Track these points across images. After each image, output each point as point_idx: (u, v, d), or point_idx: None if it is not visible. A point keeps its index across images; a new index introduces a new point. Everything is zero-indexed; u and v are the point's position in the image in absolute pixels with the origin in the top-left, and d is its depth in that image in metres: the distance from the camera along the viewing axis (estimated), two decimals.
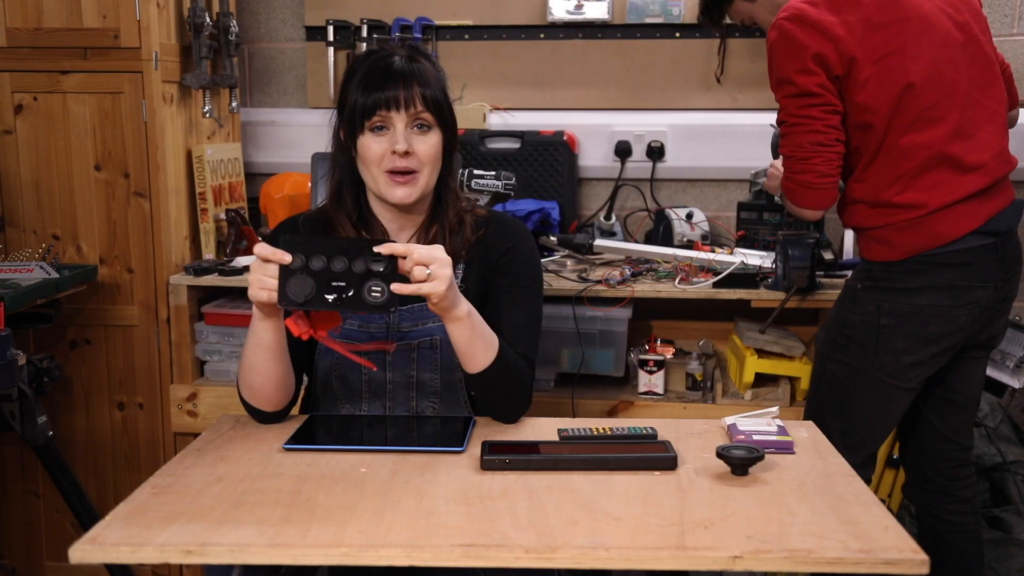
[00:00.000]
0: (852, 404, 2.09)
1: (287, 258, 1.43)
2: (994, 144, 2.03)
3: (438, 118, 1.70)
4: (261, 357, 1.58)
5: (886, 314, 2.03)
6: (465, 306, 1.55)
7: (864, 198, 2.06)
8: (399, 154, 1.66)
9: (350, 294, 1.41)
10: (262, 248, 1.46)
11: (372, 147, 1.67)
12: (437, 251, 1.47)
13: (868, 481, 2.22)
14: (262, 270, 1.46)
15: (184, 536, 1.18)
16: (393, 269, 1.42)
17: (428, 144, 1.69)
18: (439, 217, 1.77)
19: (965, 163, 1.99)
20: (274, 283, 1.44)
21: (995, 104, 2.06)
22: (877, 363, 2.05)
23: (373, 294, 1.42)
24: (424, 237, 1.77)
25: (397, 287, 1.43)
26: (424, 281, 1.45)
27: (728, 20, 2.52)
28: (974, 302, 2.02)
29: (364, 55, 1.74)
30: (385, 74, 1.67)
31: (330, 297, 1.41)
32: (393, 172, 1.68)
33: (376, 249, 1.42)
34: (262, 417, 1.65)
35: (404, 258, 1.44)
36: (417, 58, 1.71)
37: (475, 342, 1.59)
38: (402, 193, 1.69)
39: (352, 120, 1.69)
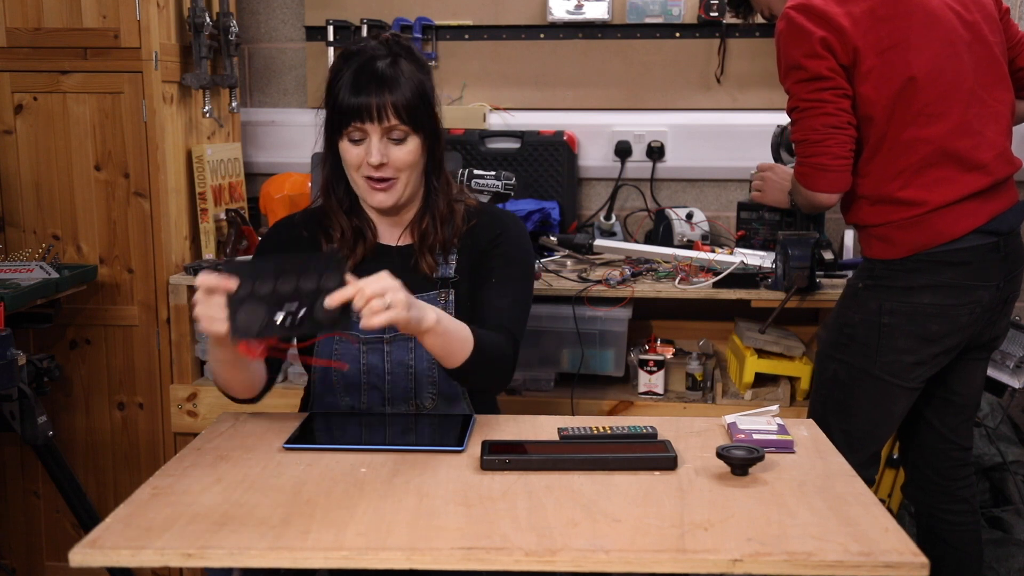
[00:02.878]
0: (854, 404, 2.09)
1: (232, 285, 1.37)
2: (998, 144, 2.03)
3: (413, 125, 1.69)
4: (227, 372, 1.63)
5: (887, 313, 2.03)
6: (431, 314, 1.50)
7: (866, 193, 2.05)
8: (372, 166, 1.68)
9: (302, 314, 1.35)
10: (205, 278, 1.39)
11: (351, 153, 1.70)
12: (384, 280, 1.41)
13: (872, 481, 2.21)
14: (208, 302, 1.40)
15: (184, 539, 1.18)
16: (344, 281, 1.37)
17: (403, 152, 1.70)
18: (430, 208, 1.79)
19: (968, 161, 1.99)
20: (224, 313, 1.39)
21: (1000, 105, 2.05)
22: (879, 362, 2.05)
23: (327, 311, 1.35)
24: (417, 228, 1.79)
25: (365, 325, 1.38)
26: (385, 311, 1.39)
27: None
28: (975, 302, 2.01)
29: (346, 55, 1.72)
30: (362, 81, 1.66)
31: (282, 321, 1.35)
32: (371, 178, 1.71)
33: (326, 305, 1.36)
34: (239, 401, 1.70)
35: (355, 298, 1.39)
36: (397, 59, 1.69)
37: (450, 344, 1.57)
38: (380, 198, 1.72)
39: (332, 126, 1.72)
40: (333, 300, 1.37)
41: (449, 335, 1.55)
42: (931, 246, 2.00)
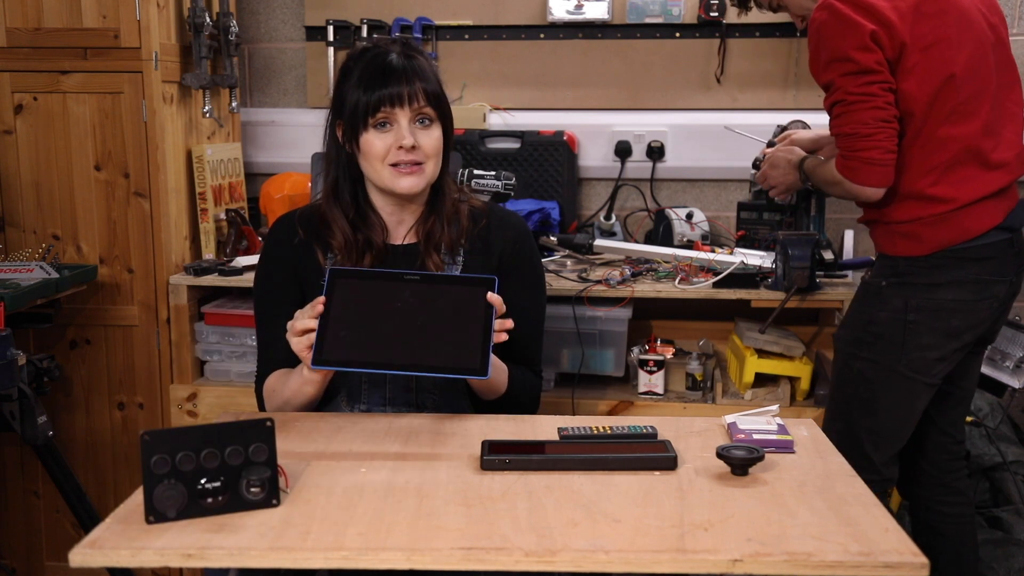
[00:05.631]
0: (879, 401, 2.10)
1: (319, 307, 1.53)
2: (1015, 144, 2.08)
3: (439, 111, 1.74)
4: (299, 404, 1.68)
5: (913, 310, 2.04)
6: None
7: (896, 189, 2.06)
8: (406, 148, 1.69)
9: (226, 495, 1.24)
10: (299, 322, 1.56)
11: (376, 144, 1.70)
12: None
13: (894, 480, 2.20)
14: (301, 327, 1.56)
15: (183, 539, 1.18)
16: (273, 454, 1.27)
17: (432, 137, 1.73)
18: (436, 208, 1.80)
19: (991, 160, 2.03)
20: (314, 324, 1.53)
21: (1016, 106, 2.10)
22: (904, 359, 2.06)
23: (252, 490, 1.25)
24: (422, 228, 1.80)
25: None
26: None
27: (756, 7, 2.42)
28: (993, 296, 2.05)
29: (359, 53, 1.75)
30: (385, 71, 1.69)
31: (205, 502, 1.24)
32: (397, 164, 1.71)
33: (489, 297, 1.53)
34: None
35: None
36: (413, 54, 1.73)
37: (494, 380, 1.70)
38: (408, 182, 1.72)
39: (354, 118, 1.71)
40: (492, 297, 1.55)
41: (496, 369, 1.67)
42: (957, 243, 2.02)
